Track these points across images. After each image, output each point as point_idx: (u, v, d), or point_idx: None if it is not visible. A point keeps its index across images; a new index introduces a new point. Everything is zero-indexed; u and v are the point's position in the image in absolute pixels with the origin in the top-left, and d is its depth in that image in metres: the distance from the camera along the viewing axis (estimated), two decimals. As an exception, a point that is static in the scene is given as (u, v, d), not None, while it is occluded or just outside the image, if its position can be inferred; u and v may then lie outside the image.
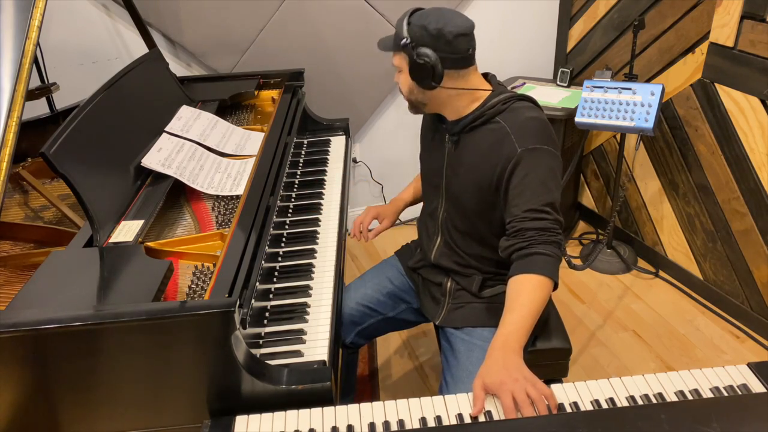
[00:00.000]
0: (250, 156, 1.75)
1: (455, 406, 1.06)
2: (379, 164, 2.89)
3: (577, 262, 2.73)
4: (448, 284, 1.52)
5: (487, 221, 1.40)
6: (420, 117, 1.55)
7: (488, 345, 1.18)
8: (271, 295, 1.40)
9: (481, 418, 1.04)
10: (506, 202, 1.31)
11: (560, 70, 2.73)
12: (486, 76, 1.42)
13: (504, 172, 1.30)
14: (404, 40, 1.29)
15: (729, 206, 2.22)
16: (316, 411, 1.06)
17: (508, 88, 2.79)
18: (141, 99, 1.71)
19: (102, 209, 1.33)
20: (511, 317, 1.19)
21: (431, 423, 1.03)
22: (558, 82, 2.74)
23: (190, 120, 1.80)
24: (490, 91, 1.37)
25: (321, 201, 1.79)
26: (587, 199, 3.01)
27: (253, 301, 1.22)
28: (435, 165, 1.48)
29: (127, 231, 1.33)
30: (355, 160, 2.85)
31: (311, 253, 1.55)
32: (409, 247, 1.71)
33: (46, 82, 1.93)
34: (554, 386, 1.08)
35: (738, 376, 1.08)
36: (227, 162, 1.71)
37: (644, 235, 2.70)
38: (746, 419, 0.97)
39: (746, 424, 0.96)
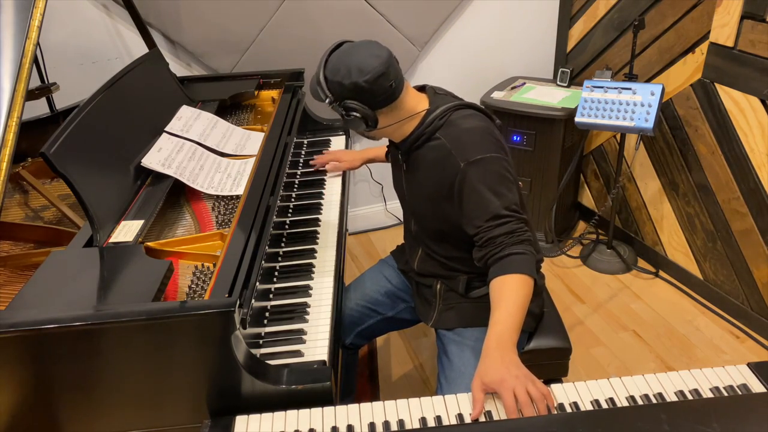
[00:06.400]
0: (250, 156, 1.75)
1: (455, 406, 1.06)
2: (379, 164, 2.88)
3: (577, 262, 2.73)
4: (438, 286, 1.52)
5: (449, 225, 1.39)
6: None
7: (479, 344, 1.18)
8: (271, 295, 1.40)
9: (482, 418, 1.04)
10: (465, 216, 1.30)
11: (560, 70, 2.73)
12: (423, 89, 1.41)
13: (452, 187, 1.30)
14: (327, 99, 1.30)
15: (729, 206, 2.22)
16: (316, 411, 1.06)
17: (509, 87, 2.79)
18: (141, 99, 1.71)
19: (102, 209, 1.33)
20: (500, 315, 1.18)
21: (431, 423, 1.03)
22: (558, 82, 2.74)
23: (190, 120, 1.80)
24: (426, 110, 1.36)
25: (321, 201, 1.79)
26: (587, 199, 3.01)
27: (253, 301, 1.22)
28: (398, 184, 1.52)
29: (127, 231, 1.33)
30: (355, 160, 2.84)
31: (311, 253, 1.55)
32: (402, 248, 1.71)
33: (46, 82, 1.93)
34: (554, 386, 1.09)
35: (738, 376, 1.08)
36: (227, 162, 1.71)
37: (644, 235, 2.70)
38: (746, 419, 0.97)
39: (746, 424, 0.96)
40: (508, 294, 1.20)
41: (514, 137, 2.62)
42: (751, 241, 2.16)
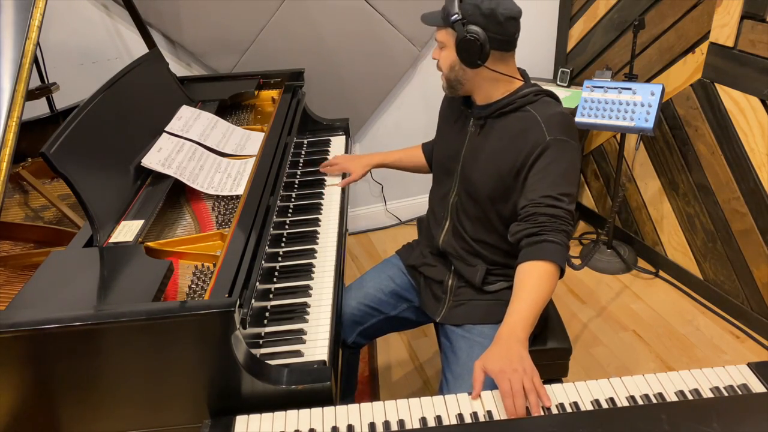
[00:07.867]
0: (250, 156, 1.75)
1: (455, 406, 1.06)
2: (380, 164, 2.89)
3: (576, 261, 2.73)
4: (450, 281, 1.52)
5: (498, 208, 1.42)
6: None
7: (487, 341, 1.20)
8: (271, 295, 1.40)
9: (482, 419, 1.04)
10: (524, 186, 1.33)
11: (560, 70, 2.73)
12: (519, 70, 1.46)
13: (529, 156, 1.32)
14: (455, 16, 1.31)
15: (729, 206, 2.22)
16: (316, 411, 1.06)
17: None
18: (141, 99, 1.71)
19: (102, 209, 1.33)
20: (518, 306, 1.21)
21: (431, 423, 1.03)
22: (558, 82, 2.74)
23: (190, 120, 1.80)
24: (523, 82, 1.41)
25: (321, 201, 1.79)
26: (587, 199, 3.01)
27: (253, 301, 1.22)
28: (452, 150, 1.50)
29: (127, 231, 1.33)
30: (355, 160, 2.84)
31: (311, 253, 1.55)
32: (410, 246, 1.72)
33: (46, 82, 1.93)
34: (554, 386, 1.09)
35: (738, 376, 1.08)
36: (227, 162, 1.71)
37: (644, 235, 2.70)
38: (746, 419, 0.97)
39: (746, 424, 0.96)
40: (532, 285, 1.23)
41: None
42: (751, 241, 2.16)
